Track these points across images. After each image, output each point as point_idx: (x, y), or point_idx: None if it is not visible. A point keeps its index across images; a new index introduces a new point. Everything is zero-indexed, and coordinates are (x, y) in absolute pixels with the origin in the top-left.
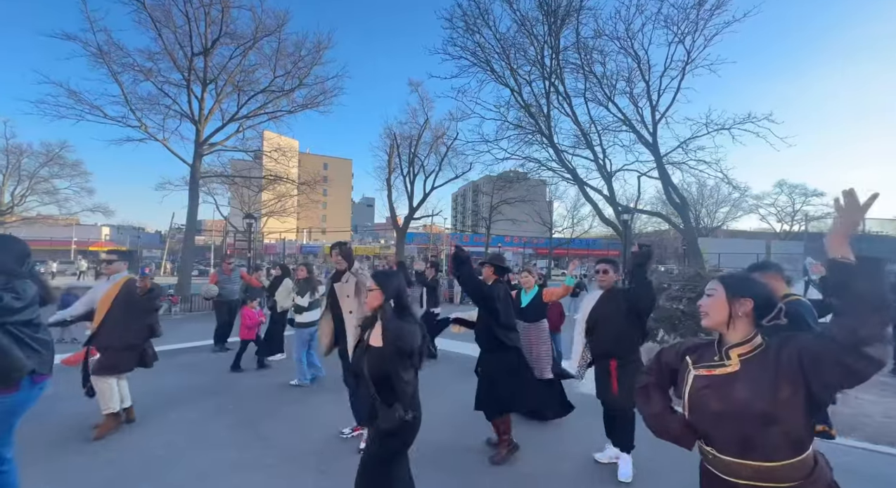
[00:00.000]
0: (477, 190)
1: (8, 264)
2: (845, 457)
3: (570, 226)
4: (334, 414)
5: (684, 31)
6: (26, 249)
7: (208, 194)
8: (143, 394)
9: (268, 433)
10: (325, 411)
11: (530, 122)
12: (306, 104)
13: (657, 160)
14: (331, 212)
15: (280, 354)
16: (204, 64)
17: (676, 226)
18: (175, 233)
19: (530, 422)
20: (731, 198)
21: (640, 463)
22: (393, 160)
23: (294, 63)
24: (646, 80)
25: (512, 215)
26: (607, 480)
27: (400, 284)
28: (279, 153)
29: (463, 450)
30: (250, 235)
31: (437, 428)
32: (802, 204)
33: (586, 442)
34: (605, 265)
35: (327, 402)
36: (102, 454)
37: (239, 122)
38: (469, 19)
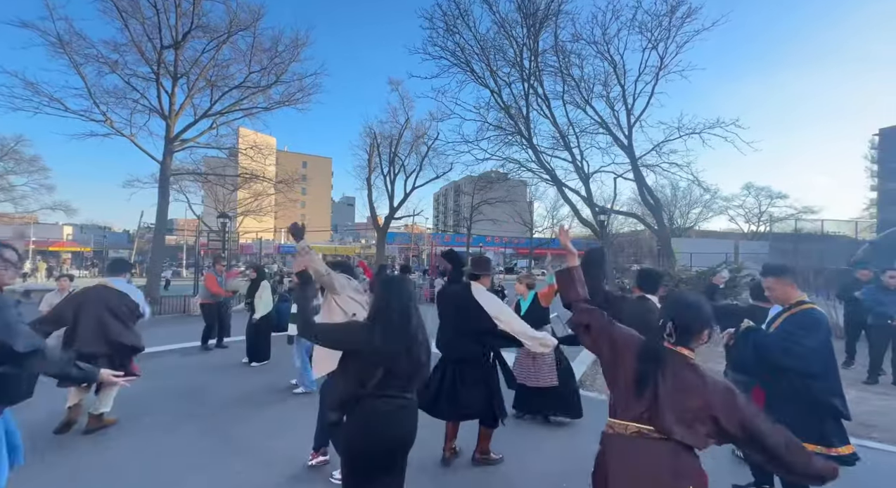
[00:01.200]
0: (458, 190)
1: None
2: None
3: (550, 226)
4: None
5: (657, 38)
6: None
7: (180, 192)
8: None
9: (239, 440)
10: (302, 416)
11: (510, 124)
12: (283, 101)
13: (632, 162)
14: (310, 212)
15: (265, 361)
16: (174, 57)
17: (651, 227)
18: (144, 233)
19: (540, 425)
20: (702, 200)
21: None
22: (373, 159)
23: (270, 59)
24: (621, 84)
25: (493, 215)
26: None
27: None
28: (255, 151)
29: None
30: (225, 235)
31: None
32: (768, 205)
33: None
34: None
35: (305, 406)
36: (62, 465)
37: (212, 119)
38: (449, 20)
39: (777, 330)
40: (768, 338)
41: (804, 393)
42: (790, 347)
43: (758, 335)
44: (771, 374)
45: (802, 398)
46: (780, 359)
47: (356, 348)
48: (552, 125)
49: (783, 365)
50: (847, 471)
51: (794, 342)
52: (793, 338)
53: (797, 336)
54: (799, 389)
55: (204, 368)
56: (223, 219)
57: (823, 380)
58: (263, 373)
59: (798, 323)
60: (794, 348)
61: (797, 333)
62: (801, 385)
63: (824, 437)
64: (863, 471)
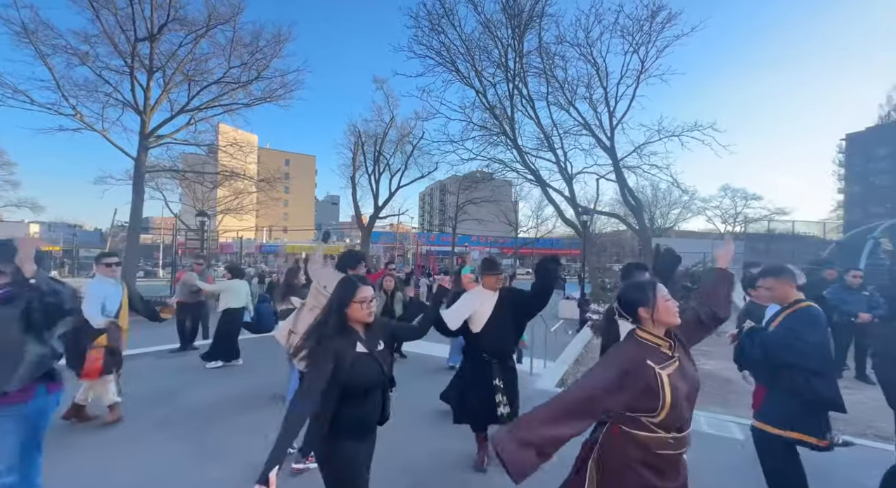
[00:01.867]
0: (444, 189)
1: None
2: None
3: (534, 225)
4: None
5: (639, 42)
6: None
7: (156, 190)
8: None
9: (216, 444)
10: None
11: (495, 124)
12: (265, 97)
13: (614, 163)
14: (293, 210)
15: (236, 360)
16: (150, 50)
17: (632, 227)
18: (118, 232)
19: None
20: (681, 201)
21: None
22: (357, 158)
23: (251, 54)
24: (604, 87)
25: (478, 215)
26: None
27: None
28: (235, 148)
29: (450, 461)
30: (203, 234)
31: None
32: (743, 207)
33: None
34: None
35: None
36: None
37: (190, 114)
38: (434, 19)
39: (779, 328)
40: (773, 336)
41: (805, 389)
42: (794, 344)
43: (763, 335)
44: (775, 372)
45: (804, 394)
46: (786, 356)
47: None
48: (536, 126)
49: (788, 362)
50: (814, 463)
51: (797, 339)
52: (796, 334)
53: (800, 332)
54: (800, 385)
55: (179, 371)
56: (202, 218)
57: (823, 376)
58: (241, 376)
59: (799, 320)
60: (797, 345)
61: (800, 330)
62: (802, 381)
63: (820, 430)
64: (829, 463)
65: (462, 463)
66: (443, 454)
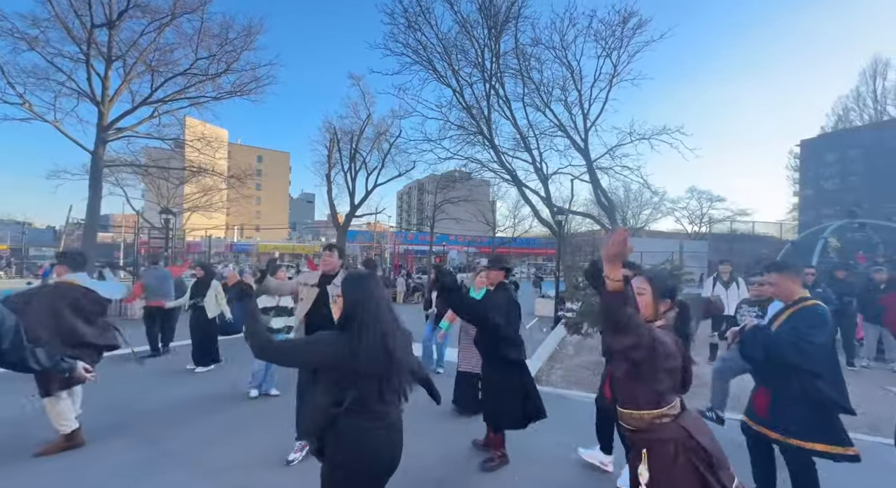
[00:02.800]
0: (422, 188)
1: None
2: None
3: (511, 225)
4: (266, 432)
5: (611, 47)
6: None
7: (116, 185)
8: (40, 415)
9: (179, 451)
10: (252, 421)
11: (472, 123)
12: (234, 91)
13: (588, 164)
14: (266, 208)
15: (214, 364)
16: (108, 38)
17: (606, 227)
18: (73, 229)
19: (549, 428)
20: (652, 202)
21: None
22: (333, 155)
23: (220, 45)
24: (578, 90)
25: (456, 214)
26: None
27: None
28: (203, 142)
29: (450, 460)
30: (168, 232)
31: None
32: (708, 208)
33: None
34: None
35: (256, 412)
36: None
37: (153, 107)
38: (410, 16)
39: (784, 327)
40: (778, 336)
41: (814, 393)
42: (800, 344)
43: (767, 334)
44: (780, 374)
45: (812, 397)
46: (792, 357)
47: (328, 364)
48: (513, 126)
49: (794, 363)
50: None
51: (803, 339)
52: (802, 335)
53: (807, 333)
54: (808, 389)
55: (142, 375)
56: (166, 216)
57: (830, 377)
58: (209, 378)
59: (805, 319)
60: (804, 346)
61: (805, 330)
62: (810, 384)
63: (837, 436)
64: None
65: (454, 465)
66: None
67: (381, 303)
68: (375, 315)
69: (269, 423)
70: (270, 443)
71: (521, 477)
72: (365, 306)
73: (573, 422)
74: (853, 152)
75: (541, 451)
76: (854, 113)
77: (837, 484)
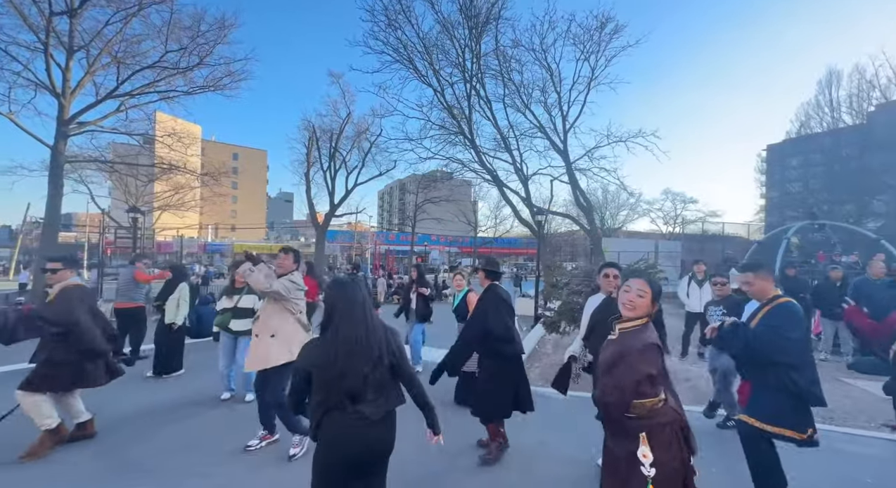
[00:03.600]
0: (403, 188)
1: None
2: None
3: (493, 225)
4: (227, 430)
5: (589, 51)
6: None
7: (80, 182)
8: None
9: (140, 460)
10: (219, 426)
11: (453, 123)
12: (208, 86)
13: (567, 166)
14: (243, 207)
15: (178, 371)
16: (70, 27)
17: (584, 228)
18: (31, 229)
19: (531, 425)
20: (628, 203)
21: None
22: (312, 153)
23: (192, 38)
24: (557, 92)
25: (437, 214)
26: None
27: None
28: (174, 139)
29: (450, 456)
30: (136, 232)
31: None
32: (682, 209)
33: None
34: (613, 270)
35: (223, 416)
36: None
37: (120, 100)
38: (390, 14)
39: (761, 324)
40: (757, 332)
41: (790, 385)
42: (776, 340)
43: (745, 331)
44: (758, 367)
45: (789, 389)
46: (769, 352)
47: (318, 365)
48: (494, 127)
49: (774, 359)
50: (709, 439)
51: (780, 335)
52: (779, 331)
53: (783, 329)
54: (785, 382)
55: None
56: (134, 214)
57: (804, 370)
58: (175, 384)
59: (781, 316)
60: (779, 341)
61: (783, 326)
62: (786, 378)
63: (802, 424)
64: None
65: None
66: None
67: (355, 308)
68: (349, 318)
69: (247, 425)
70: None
71: (507, 473)
72: (341, 310)
73: (552, 420)
74: (814, 157)
75: (523, 449)
76: (814, 120)
77: (790, 466)
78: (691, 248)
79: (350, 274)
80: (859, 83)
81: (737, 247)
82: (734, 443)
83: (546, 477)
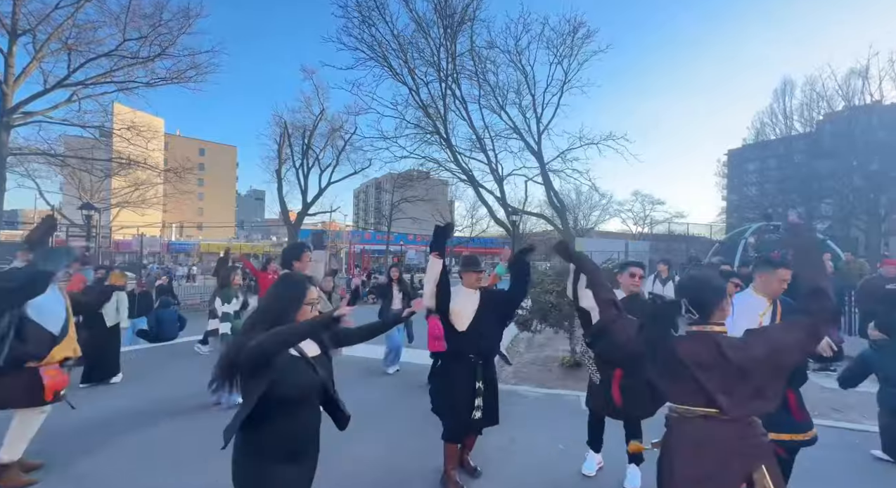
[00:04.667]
0: (379, 187)
1: None
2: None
3: (469, 225)
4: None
5: (562, 54)
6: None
7: (26, 177)
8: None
9: (85, 478)
10: (180, 438)
11: (428, 123)
12: (170, 77)
13: (541, 167)
14: (210, 205)
15: (116, 377)
16: (13, 8)
17: (557, 228)
18: None
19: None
20: (600, 204)
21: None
22: (284, 150)
23: (153, 27)
24: (532, 94)
25: (413, 214)
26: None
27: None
28: (134, 132)
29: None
30: (89, 230)
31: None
32: (651, 210)
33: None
34: (640, 270)
35: (180, 430)
36: None
37: (72, 90)
38: (364, 10)
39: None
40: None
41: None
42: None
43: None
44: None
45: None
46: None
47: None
48: (469, 127)
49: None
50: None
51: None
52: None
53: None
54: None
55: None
56: (88, 211)
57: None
58: (126, 392)
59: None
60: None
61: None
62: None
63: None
64: None
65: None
66: (402, 466)
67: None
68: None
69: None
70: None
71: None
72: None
73: (523, 418)
74: (770, 162)
75: (493, 449)
76: (769, 127)
77: None
78: (658, 248)
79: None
80: (810, 94)
81: (700, 247)
82: None
83: (514, 476)
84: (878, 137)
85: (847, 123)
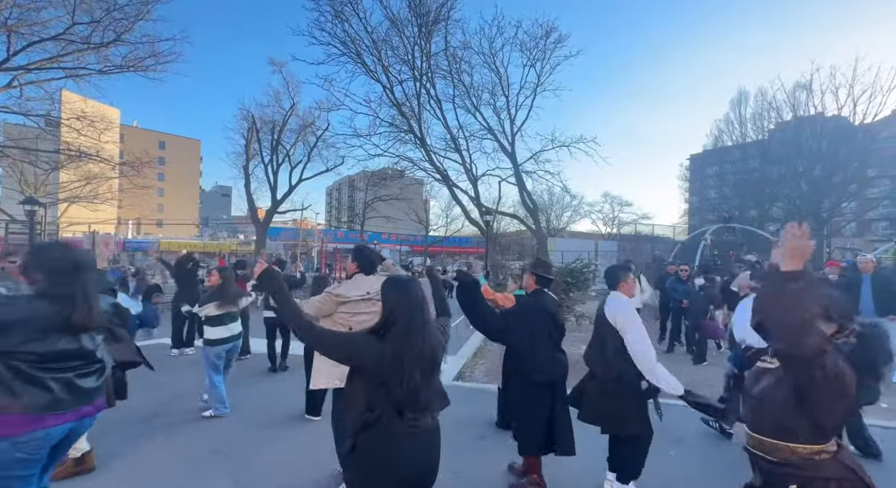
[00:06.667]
0: (352, 185)
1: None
2: None
3: (444, 224)
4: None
5: (535, 57)
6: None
7: None
8: None
9: None
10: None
11: (402, 121)
12: (127, 65)
13: (515, 168)
14: (171, 201)
15: None
16: None
17: (530, 228)
18: None
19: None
20: (571, 205)
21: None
22: (252, 145)
23: (107, 11)
24: (506, 95)
25: (387, 212)
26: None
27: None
28: (85, 122)
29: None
30: (33, 226)
31: None
32: (619, 211)
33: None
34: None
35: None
36: None
37: (12, 74)
38: (337, 5)
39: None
40: None
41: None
42: None
43: None
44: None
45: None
46: None
47: (356, 362)
48: (444, 127)
49: None
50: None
51: None
52: None
53: None
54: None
55: None
56: (31, 206)
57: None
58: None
59: None
60: None
61: None
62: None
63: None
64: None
65: None
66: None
67: (417, 311)
68: (409, 323)
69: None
70: None
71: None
72: (405, 313)
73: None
74: (727, 167)
75: (464, 448)
76: (726, 134)
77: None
78: (625, 248)
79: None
80: (762, 104)
81: (664, 248)
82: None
83: (480, 475)
84: (821, 146)
85: (794, 132)
